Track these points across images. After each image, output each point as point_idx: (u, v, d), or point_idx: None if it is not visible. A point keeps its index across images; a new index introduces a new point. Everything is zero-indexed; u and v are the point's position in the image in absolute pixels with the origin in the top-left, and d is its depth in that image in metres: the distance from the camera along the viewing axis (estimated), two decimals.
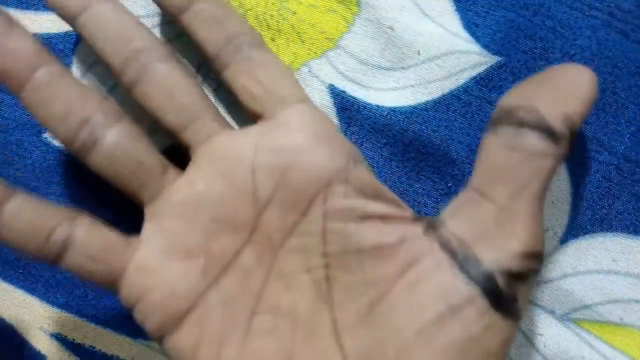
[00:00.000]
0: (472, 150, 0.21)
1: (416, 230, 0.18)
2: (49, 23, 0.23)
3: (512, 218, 0.17)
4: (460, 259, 0.17)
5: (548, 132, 0.16)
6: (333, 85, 0.22)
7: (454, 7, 0.21)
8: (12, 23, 0.18)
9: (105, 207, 0.22)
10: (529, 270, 0.17)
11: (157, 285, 0.18)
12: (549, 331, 0.21)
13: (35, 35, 0.23)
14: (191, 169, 0.19)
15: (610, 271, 0.21)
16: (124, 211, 0.22)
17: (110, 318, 0.22)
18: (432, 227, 0.18)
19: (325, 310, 0.18)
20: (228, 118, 0.22)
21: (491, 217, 0.17)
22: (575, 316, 0.21)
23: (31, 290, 0.23)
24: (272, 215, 0.18)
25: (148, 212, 0.19)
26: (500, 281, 0.16)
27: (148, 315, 0.18)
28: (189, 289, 0.18)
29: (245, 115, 0.20)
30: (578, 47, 0.21)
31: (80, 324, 0.22)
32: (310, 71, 0.22)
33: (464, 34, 0.21)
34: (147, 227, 0.19)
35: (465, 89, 0.21)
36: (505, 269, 0.16)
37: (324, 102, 0.22)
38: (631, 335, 0.21)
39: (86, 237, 0.18)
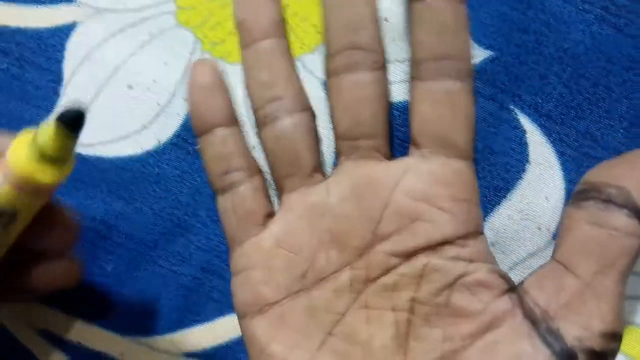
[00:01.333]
0: None
1: (504, 297, 0.18)
2: (39, 17, 0.23)
3: (597, 296, 0.17)
4: (542, 330, 0.17)
5: (635, 212, 0.16)
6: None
7: None
8: None
9: (104, 205, 0.22)
10: (609, 351, 0.17)
11: (260, 266, 0.19)
12: None
13: (25, 29, 0.23)
14: (333, 180, 0.19)
15: None
16: (122, 212, 0.22)
17: (98, 314, 0.22)
18: (516, 294, 0.18)
19: (399, 353, 0.18)
20: None
21: (575, 291, 0.17)
22: None
23: None
24: (381, 251, 0.18)
25: (284, 201, 0.20)
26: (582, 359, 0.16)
27: (240, 289, 0.19)
28: (284, 283, 0.19)
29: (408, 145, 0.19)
30: (572, 41, 0.21)
31: (68, 320, 0.22)
32: (304, 66, 0.22)
33: None
34: (277, 215, 0.19)
35: None
36: (587, 347, 0.16)
37: (318, 97, 0.22)
38: (633, 334, 0.21)
39: (244, 193, 0.19)
